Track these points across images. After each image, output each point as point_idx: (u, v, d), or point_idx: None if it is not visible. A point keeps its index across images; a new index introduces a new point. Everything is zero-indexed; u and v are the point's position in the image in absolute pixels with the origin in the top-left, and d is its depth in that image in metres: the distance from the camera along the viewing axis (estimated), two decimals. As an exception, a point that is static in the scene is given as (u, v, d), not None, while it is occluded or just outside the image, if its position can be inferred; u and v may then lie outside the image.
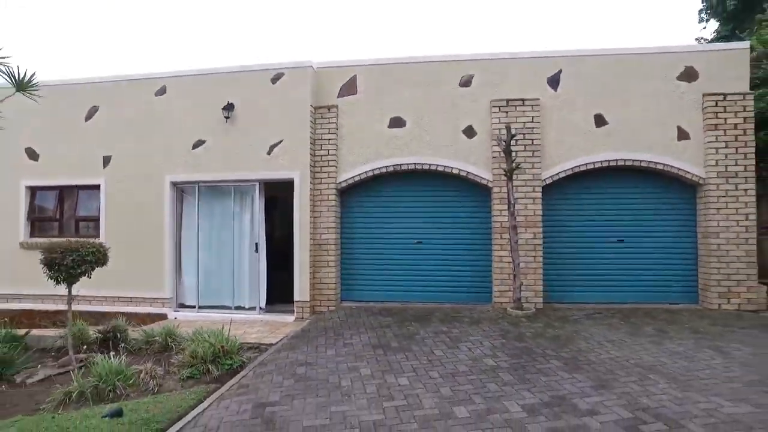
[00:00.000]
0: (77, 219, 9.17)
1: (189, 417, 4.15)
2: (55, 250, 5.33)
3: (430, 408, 4.03)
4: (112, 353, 5.45)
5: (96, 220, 8.98)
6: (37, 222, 9.32)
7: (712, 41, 14.19)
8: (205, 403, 4.44)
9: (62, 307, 8.71)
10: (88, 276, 5.65)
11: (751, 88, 9.28)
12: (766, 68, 9.24)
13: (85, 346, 6.28)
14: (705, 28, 14.86)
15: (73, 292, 5.80)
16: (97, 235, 8.78)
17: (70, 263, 5.31)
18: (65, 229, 9.22)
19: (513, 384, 4.54)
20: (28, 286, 8.91)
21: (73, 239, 5.75)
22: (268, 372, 5.22)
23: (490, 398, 4.21)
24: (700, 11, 14.63)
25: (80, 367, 5.46)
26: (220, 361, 5.40)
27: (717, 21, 14.19)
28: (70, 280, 5.46)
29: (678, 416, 3.72)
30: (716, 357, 5.23)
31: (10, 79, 6.02)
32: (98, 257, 5.58)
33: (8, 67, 6.01)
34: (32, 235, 9.25)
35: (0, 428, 3.98)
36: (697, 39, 14.80)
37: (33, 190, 9.25)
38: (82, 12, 51.80)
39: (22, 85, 6.10)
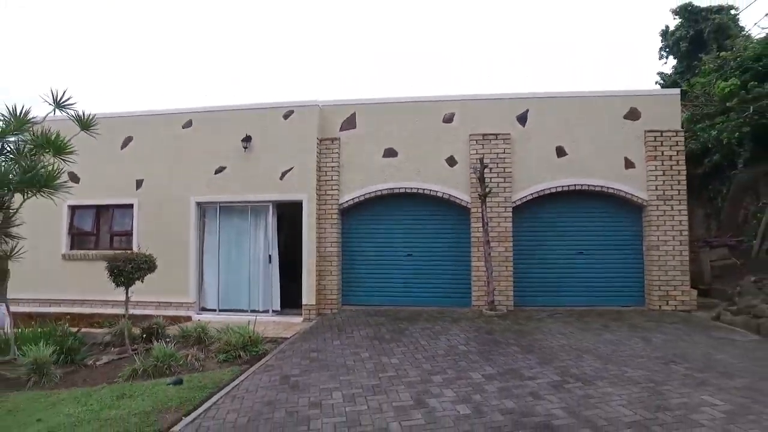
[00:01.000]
0: (112, 234, 10.52)
1: (232, 384, 5.50)
2: (118, 259, 6.71)
3: (414, 377, 5.43)
4: (157, 343, 6.79)
5: (129, 234, 10.34)
6: (77, 236, 10.66)
7: (671, 75, 15.91)
8: (242, 377, 5.79)
9: (98, 310, 10.04)
10: (141, 280, 7.03)
11: (695, 122, 10.94)
12: (702, 106, 10.86)
13: (129, 340, 7.59)
14: (665, 63, 16.44)
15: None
16: (130, 248, 10.10)
17: (130, 270, 6.69)
18: (101, 242, 10.57)
19: (478, 362, 5.95)
20: (68, 292, 10.22)
21: (125, 251, 7.11)
22: (287, 356, 6.60)
23: (459, 371, 5.61)
24: (660, 49, 16.38)
25: (134, 354, 6.79)
26: (248, 349, 6.76)
27: (674, 58, 15.94)
28: (129, 283, 6.83)
29: (592, 378, 5.16)
30: (639, 343, 6.68)
31: (77, 121, 7.46)
32: (150, 265, 6.98)
33: (75, 111, 7.48)
34: (72, 248, 10.57)
35: (95, 391, 5.33)
36: (658, 73, 16.52)
37: (73, 209, 10.59)
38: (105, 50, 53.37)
39: (85, 125, 7.55)
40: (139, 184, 10.31)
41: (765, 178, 10.49)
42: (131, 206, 10.31)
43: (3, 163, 6.50)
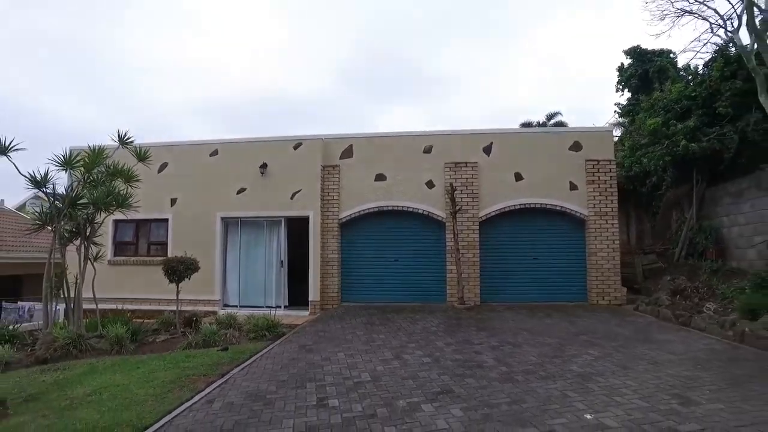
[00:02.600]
0: (149, 243, 12.65)
1: (263, 351, 7.62)
2: (173, 261, 8.86)
3: (395, 345, 7.60)
4: (203, 326, 8.89)
5: (163, 244, 12.47)
6: (119, 246, 12.77)
7: (626, 106, 18.31)
8: (271, 346, 7.93)
9: (139, 306, 12.10)
10: (188, 278, 9.16)
11: (634, 151, 13.29)
12: (638, 137, 13.20)
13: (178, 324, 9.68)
14: (622, 95, 18.85)
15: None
16: (164, 255, 12.20)
17: (182, 269, 8.84)
18: (139, 251, 12.69)
19: (443, 337, 8.13)
20: (112, 292, 12.28)
21: (179, 256, 9.26)
22: (302, 334, 8.75)
23: (428, 341, 7.79)
24: (617, 83, 18.78)
25: (183, 334, 8.89)
26: (271, 330, 8.88)
27: (629, 92, 18.35)
28: (180, 280, 8.96)
29: (520, 343, 7.36)
30: (567, 325, 8.88)
31: (136, 155, 9.65)
32: (195, 267, 9.12)
33: (135, 146, 9.67)
34: (115, 255, 12.67)
35: (167, 355, 7.45)
36: (616, 103, 18.94)
37: (117, 223, 12.69)
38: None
39: (141, 157, 9.75)
40: (173, 202, 12.47)
41: (686, 197, 12.79)
42: (166, 220, 12.46)
43: (92, 189, 8.66)
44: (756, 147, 10.39)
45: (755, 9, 8.62)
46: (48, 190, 8.53)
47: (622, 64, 18.59)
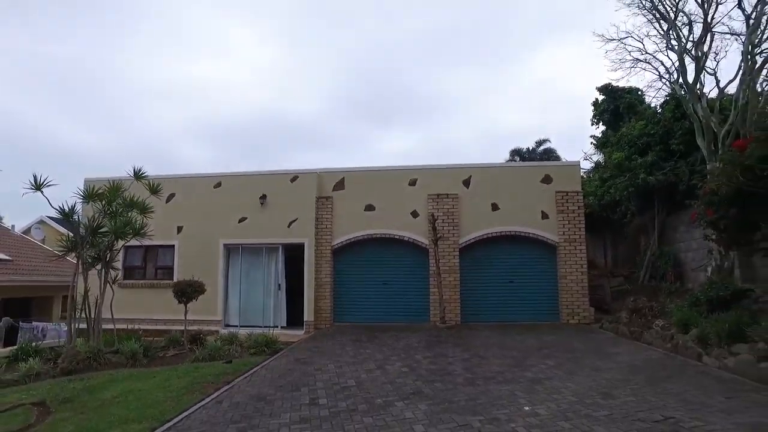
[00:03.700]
0: (156, 268, 13.71)
1: (263, 363, 8.64)
2: (182, 284, 9.93)
3: (379, 357, 8.64)
4: (207, 342, 9.90)
5: (170, 268, 13.52)
6: (128, 269, 13.81)
7: (600, 138, 19.69)
8: (269, 360, 8.95)
9: (146, 326, 13.06)
10: (195, 299, 10.22)
11: (604, 182, 14.54)
12: (606, 170, 14.49)
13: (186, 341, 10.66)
14: (597, 128, 20.26)
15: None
16: (172, 279, 13.24)
17: (190, 291, 9.90)
18: (147, 275, 13.73)
19: (422, 351, 9.17)
20: (122, 312, 13.23)
21: (188, 279, 10.33)
22: (297, 350, 9.78)
23: (408, 355, 8.83)
24: (592, 117, 20.22)
25: (189, 350, 9.89)
26: (269, 346, 9.89)
27: (603, 125, 19.77)
28: (188, 301, 10.02)
29: (489, 356, 8.42)
30: (534, 341, 9.93)
31: (149, 188, 10.81)
32: (202, 289, 10.19)
33: (149, 180, 10.84)
34: (125, 278, 13.69)
35: (176, 367, 8.46)
36: (591, 136, 20.36)
37: (126, 249, 13.74)
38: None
39: (154, 190, 10.91)
40: (179, 229, 13.59)
41: (650, 224, 14.01)
42: (173, 246, 13.55)
43: (110, 219, 9.78)
44: (704, 180, 11.65)
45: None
46: (73, 220, 9.67)
47: (597, 99, 20.03)
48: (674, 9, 10.66)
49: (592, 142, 20.30)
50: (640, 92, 18.03)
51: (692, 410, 4.98)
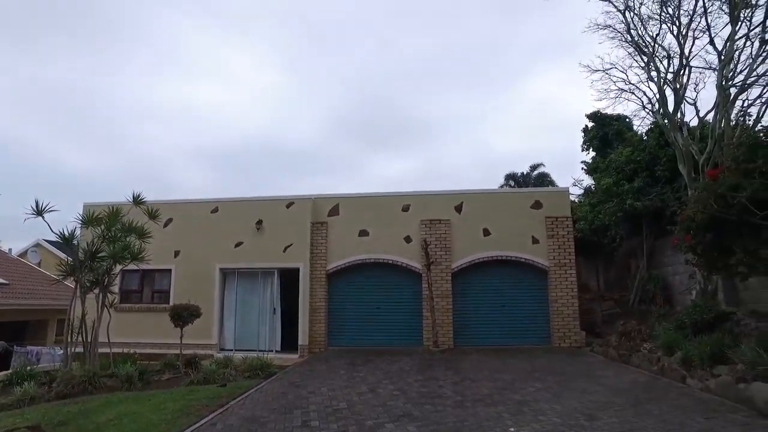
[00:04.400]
0: (153, 291, 13.84)
1: (257, 387, 8.76)
2: (179, 307, 10.09)
3: (372, 381, 8.78)
4: (202, 366, 10.01)
5: (166, 292, 13.66)
6: (125, 293, 13.93)
7: (590, 164, 20.12)
8: (263, 384, 9.06)
9: (142, 350, 13.11)
10: (191, 323, 10.36)
11: (594, 207, 14.86)
12: (595, 195, 14.84)
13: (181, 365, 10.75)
14: (587, 154, 20.70)
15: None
16: (168, 303, 13.36)
17: (187, 315, 10.06)
18: (144, 298, 13.86)
19: (414, 374, 9.31)
20: (118, 336, 13.29)
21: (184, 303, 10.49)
22: (291, 374, 9.90)
23: (400, 378, 8.97)
24: (582, 143, 20.70)
25: (185, 373, 9.99)
26: (264, 370, 10.01)
27: (593, 151, 20.24)
28: (185, 324, 10.16)
29: (479, 379, 8.58)
30: (525, 364, 10.08)
31: (148, 214, 11.06)
32: (198, 313, 10.35)
33: (148, 205, 11.09)
34: (122, 302, 13.80)
35: (172, 390, 8.56)
36: (582, 161, 20.78)
37: (124, 273, 13.89)
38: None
39: (152, 216, 11.15)
40: (176, 253, 13.78)
41: (639, 248, 14.29)
42: (170, 271, 13.71)
43: (109, 244, 10.00)
44: (681, 206, 12.00)
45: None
46: (73, 245, 9.87)
47: (586, 126, 20.53)
48: (653, 43, 11.18)
49: (582, 168, 20.73)
50: (627, 119, 18.49)
51: (671, 431, 5.16)
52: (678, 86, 10.64)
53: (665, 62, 11.42)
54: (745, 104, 10.34)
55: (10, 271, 18.64)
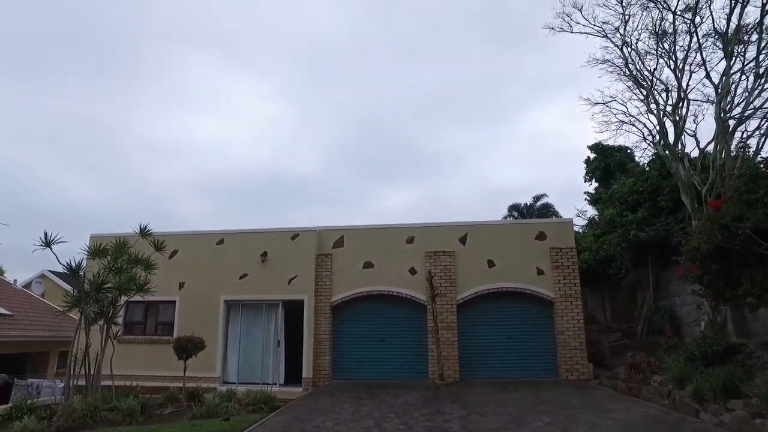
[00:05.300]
0: (157, 323, 13.78)
1: (261, 421, 8.62)
2: (182, 340, 10.03)
3: (377, 415, 8.63)
4: (204, 399, 9.87)
5: (170, 324, 13.60)
6: (128, 325, 13.87)
7: (594, 194, 20.20)
8: (267, 417, 8.92)
9: (144, 383, 12.96)
10: (194, 356, 10.28)
11: (597, 238, 14.87)
12: (599, 226, 14.86)
13: (177, 401, 10.59)
14: (590, 185, 20.84)
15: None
16: (172, 335, 13.28)
17: (190, 348, 9.99)
18: (147, 330, 13.78)
19: (420, 408, 9.16)
20: (120, 368, 13.16)
21: (188, 335, 10.43)
22: (295, 407, 9.75)
23: (406, 412, 8.83)
24: (585, 174, 20.89)
25: (187, 407, 9.84)
26: (267, 403, 9.85)
27: (595, 182, 20.39)
28: (188, 357, 10.08)
29: (486, 413, 8.43)
30: (532, 397, 9.91)
31: (154, 245, 11.11)
32: (202, 345, 10.28)
33: (154, 237, 11.15)
34: (125, 333, 13.73)
35: (175, 424, 8.43)
36: (585, 192, 20.92)
37: (128, 304, 13.86)
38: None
39: (158, 247, 11.21)
40: (181, 285, 13.79)
41: (645, 279, 14.22)
42: (174, 302, 13.69)
43: (115, 275, 10.03)
44: (685, 236, 12.00)
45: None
46: (79, 276, 9.91)
47: (589, 157, 20.76)
48: (651, 77, 11.45)
49: (585, 198, 20.84)
50: (629, 150, 18.71)
51: (684, 465, 5.05)
52: (677, 118, 10.83)
53: (664, 95, 11.68)
54: (744, 135, 10.51)
55: (13, 302, 18.62)
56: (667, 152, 11.36)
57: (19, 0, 58.35)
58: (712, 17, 10.85)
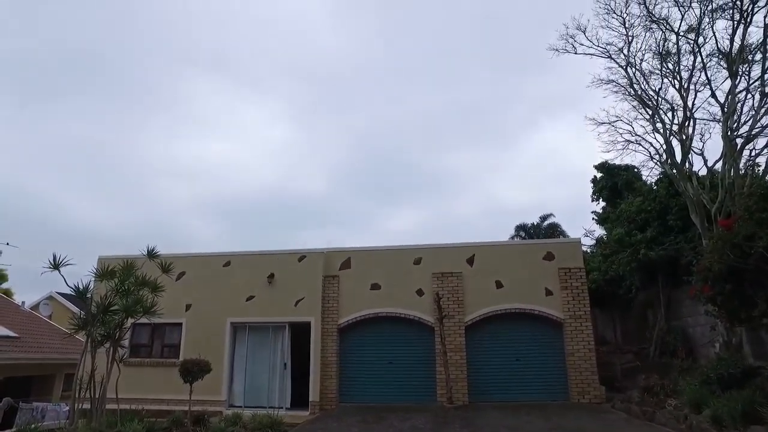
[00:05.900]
0: (163, 345, 13.70)
1: (267, 447, 8.50)
2: (189, 363, 9.95)
3: (385, 440, 8.48)
4: (211, 424, 9.74)
5: (176, 346, 13.51)
6: (134, 347, 13.79)
7: (600, 213, 20.11)
8: (273, 443, 8.79)
9: (149, 406, 12.82)
10: (201, 379, 10.18)
11: (606, 258, 14.74)
12: (607, 246, 14.74)
13: (182, 425, 10.46)
14: (597, 204, 20.74)
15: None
16: (177, 357, 13.16)
17: (197, 371, 9.90)
18: (154, 352, 13.70)
19: (429, 432, 8.99)
20: (125, 391, 13.03)
21: (194, 358, 10.35)
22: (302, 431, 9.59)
23: (415, 436, 8.66)
24: (592, 193, 20.81)
25: (193, 431, 9.72)
26: (273, 428, 9.72)
27: (602, 201, 20.29)
28: (194, 380, 9.98)
29: (495, 437, 8.24)
30: (543, 422, 9.70)
31: (161, 267, 11.12)
32: (208, 368, 10.18)
33: (162, 259, 11.17)
34: (131, 356, 13.62)
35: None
36: (592, 211, 20.81)
37: (134, 326, 13.81)
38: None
39: (165, 269, 11.21)
40: (187, 307, 13.74)
41: (656, 299, 14.01)
42: (180, 324, 13.63)
43: (122, 297, 10.02)
44: (697, 256, 11.85)
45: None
46: (87, 298, 9.92)
47: (595, 176, 20.72)
48: (656, 96, 11.48)
49: (593, 218, 20.73)
50: (636, 169, 18.63)
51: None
52: (684, 137, 10.82)
53: (670, 114, 11.69)
54: (753, 154, 10.46)
55: (21, 324, 18.62)
56: (674, 171, 11.31)
57: (40, 29, 59.91)
58: (715, 37, 10.98)
